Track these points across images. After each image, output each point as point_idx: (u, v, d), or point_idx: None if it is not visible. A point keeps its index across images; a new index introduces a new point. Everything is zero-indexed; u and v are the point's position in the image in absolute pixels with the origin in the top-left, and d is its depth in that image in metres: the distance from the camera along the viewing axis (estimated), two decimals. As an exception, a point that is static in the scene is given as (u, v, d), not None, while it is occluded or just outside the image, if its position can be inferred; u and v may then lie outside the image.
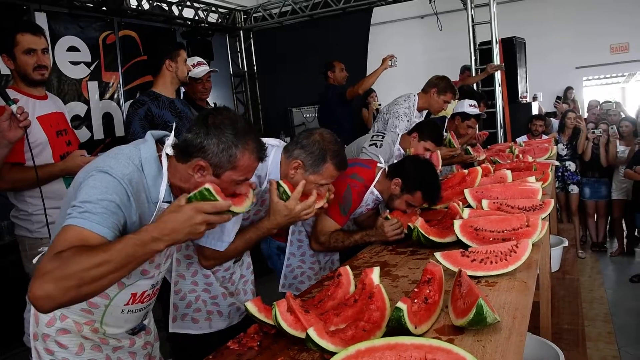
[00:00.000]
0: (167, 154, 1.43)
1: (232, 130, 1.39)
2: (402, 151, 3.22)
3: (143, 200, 1.38)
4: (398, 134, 3.32)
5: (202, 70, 3.91)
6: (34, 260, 1.57)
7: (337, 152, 2.00)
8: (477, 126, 4.45)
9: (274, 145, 2.04)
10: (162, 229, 1.24)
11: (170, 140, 1.44)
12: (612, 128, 5.72)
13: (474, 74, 6.27)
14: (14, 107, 2.13)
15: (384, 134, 3.31)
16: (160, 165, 1.42)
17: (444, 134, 4.02)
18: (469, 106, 4.20)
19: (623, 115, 6.25)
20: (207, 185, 1.30)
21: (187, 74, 3.27)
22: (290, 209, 1.83)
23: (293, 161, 1.96)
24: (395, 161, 3.19)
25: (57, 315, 1.45)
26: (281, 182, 1.86)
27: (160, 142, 1.48)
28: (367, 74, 5.87)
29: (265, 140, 2.03)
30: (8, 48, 2.44)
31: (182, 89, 4.39)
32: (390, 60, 4.78)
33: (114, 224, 1.27)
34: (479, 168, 2.91)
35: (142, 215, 1.39)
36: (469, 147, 3.94)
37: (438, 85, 3.80)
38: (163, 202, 1.41)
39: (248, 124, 1.47)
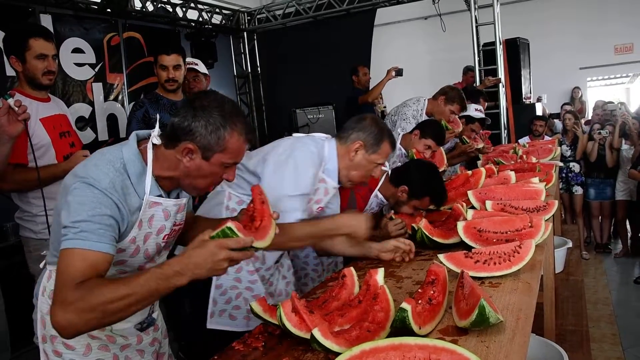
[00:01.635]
0: (153, 144, 1.42)
1: (220, 112, 1.37)
2: (404, 150, 3.22)
3: (131, 201, 1.38)
4: (399, 134, 3.32)
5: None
6: (41, 265, 1.58)
7: (390, 131, 2.13)
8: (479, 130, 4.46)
9: (324, 138, 2.12)
10: (185, 264, 1.25)
11: (156, 131, 1.43)
12: (606, 131, 5.76)
13: (477, 75, 6.27)
14: (10, 101, 2.10)
15: None
16: (144, 161, 1.41)
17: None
18: (474, 110, 4.20)
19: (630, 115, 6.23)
20: (230, 224, 1.29)
21: (165, 78, 3.19)
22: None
23: (353, 143, 2.04)
24: (396, 160, 3.19)
25: None
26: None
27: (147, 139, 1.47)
28: (370, 75, 6.00)
29: (315, 135, 2.15)
30: (19, 51, 2.45)
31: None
32: (394, 71, 5.25)
33: (111, 237, 1.30)
34: (482, 169, 2.91)
35: (136, 216, 1.39)
36: (464, 137, 3.95)
37: (447, 93, 3.80)
38: (150, 195, 1.40)
39: (235, 106, 1.45)
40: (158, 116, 1.53)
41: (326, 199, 2.10)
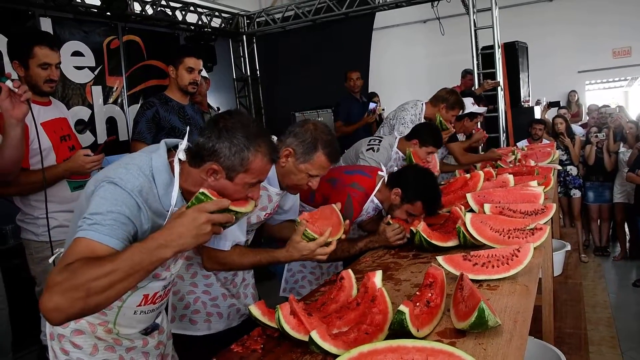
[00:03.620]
0: (179, 159, 1.43)
1: (244, 133, 1.39)
2: (401, 154, 3.22)
3: (156, 210, 1.38)
4: (396, 137, 3.32)
5: None
6: (50, 260, 1.59)
7: (329, 142, 1.98)
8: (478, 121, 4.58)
9: None
10: (167, 234, 1.23)
11: (183, 145, 1.44)
12: (603, 134, 5.77)
13: (476, 79, 6.29)
14: (9, 83, 2.08)
15: (382, 138, 3.32)
16: (172, 173, 1.42)
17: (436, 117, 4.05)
18: (471, 105, 4.24)
19: (626, 118, 6.25)
20: (202, 190, 1.31)
21: (189, 82, 3.25)
22: (311, 250, 1.79)
23: (285, 149, 1.95)
24: (392, 164, 3.20)
25: None
26: (307, 230, 1.81)
27: (174, 149, 1.48)
28: (369, 80, 6.03)
29: None
30: (23, 57, 2.45)
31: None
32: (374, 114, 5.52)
33: (123, 235, 1.27)
34: (480, 172, 2.91)
35: (155, 225, 1.39)
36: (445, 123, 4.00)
37: (448, 100, 3.83)
38: (175, 207, 1.41)
39: (259, 127, 1.46)
40: (188, 129, 1.53)
41: (272, 205, 2.07)
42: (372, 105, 5.52)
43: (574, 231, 5.73)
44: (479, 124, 4.53)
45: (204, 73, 3.98)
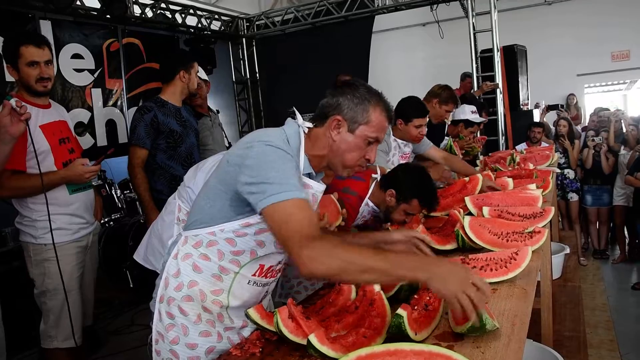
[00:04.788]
0: (304, 130, 1.51)
1: (366, 89, 1.50)
2: (399, 141, 3.20)
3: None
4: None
5: None
6: (169, 242, 1.66)
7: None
8: (477, 131, 4.52)
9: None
10: (434, 267, 1.23)
11: (302, 119, 1.53)
12: (600, 138, 5.78)
13: (475, 82, 6.30)
14: (12, 102, 2.13)
15: None
16: (300, 139, 1.51)
17: (445, 138, 4.04)
18: (470, 113, 4.22)
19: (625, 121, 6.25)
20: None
21: (197, 85, 3.35)
22: None
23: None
24: (395, 152, 3.17)
25: (186, 281, 1.51)
26: None
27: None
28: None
29: None
30: (12, 59, 2.46)
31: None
32: None
33: (300, 184, 1.36)
34: (479, 176, 2.92)
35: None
36: (453, 145, 4.00)
37: (440, 95, 3.80)
38: (303, 174, 1.48)
39: (380, 93, 1.55)
40: (300, 118, 1.55)
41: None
42: None
43: (573, 234, 5.74)
44: (478, 133, 4.49)
45: (204, 76, 3.99)
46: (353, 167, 1.54)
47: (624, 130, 5.86)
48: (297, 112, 1.55)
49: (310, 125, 1.52)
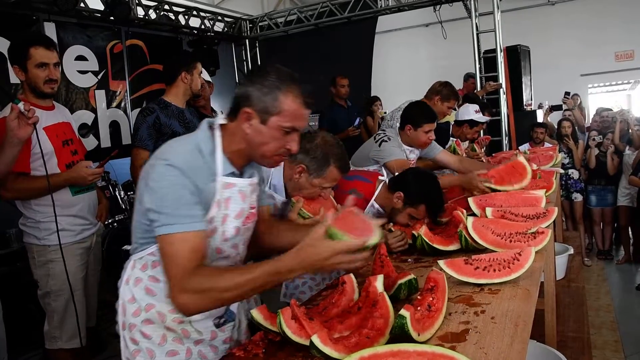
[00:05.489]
0: (220, 125, 1.47)
1: (276, 75, 1.40)
2: (406, 147, 3.19)
3: (206, 179, 1.41)
4: (395, 128, 3.29)
5: None
6: (130, 250, 1.62)
7: (340, 155, 2.04)
8: (481, 130, 4.52)
9: None
10: (300, 261, 1.27)
11: (223, 115, 1.49)
12: (600, 137, 5.78)
13: (478, 82, 6.29)
14: (21, 105, 2.17)
15: (383, 130, 3.28)
16: (214, 140, 1.46)
17: (450, 139, 4.04)
18: (474, 112, 4.22)
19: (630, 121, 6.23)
20: (337, 231, 1.25)
21: (200, 86, 3.34)
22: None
23: (297, 165, 1.99)
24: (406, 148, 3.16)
25: (143, 305, 1.50)
26: (303, 209, 1.85)
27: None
28: (372, 84, 6.01)
29: None
30: (21, 60, 2.47)
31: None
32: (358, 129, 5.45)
33: (200, 214, 1.37)
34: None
35: (212, 194, 1.43)
36: (474, 145, 3.99)
37: (441, 92, 3.81)
38: (223, 175, 1.44)
39: (292, 75, 1.46)
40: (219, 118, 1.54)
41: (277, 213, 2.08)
42: (357, 121, 5.50)
43: (577, 235, 5.72)
44: (482, 133, 4.49)
45: (207, 77, 4.01)
46: (274, 157, 1.48)
47: (630, 129, 5.84)
48: (219, 113, 1.52)
49: (222, 121, 1.47)
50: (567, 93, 7.40)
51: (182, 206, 1.32)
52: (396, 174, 2.60)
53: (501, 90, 6.09)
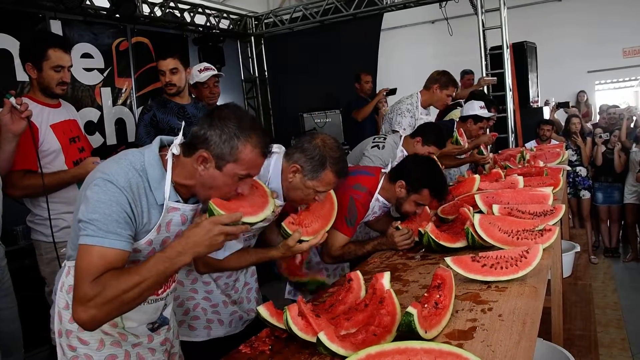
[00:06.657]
0: (173, 154, 1.45)
1: (236, 123, 1.40)
2: (406, 152, 3.19)
3: (144, 205, 1.41)
4: (401, 136, 3.30)
5: (206, 75, 3.89)
6: (66, 256, 1.60)
7: (338, 159, 1.96)
8: (487, 127, 4.48)
9: (275, 152, 2.00)
10: (185, 243, 1.34)
11: (178, 140, 1.47)
12: (607, 134, 5.75)
13: (476, 78, 6.28)
14: (12, 100, 2.15)
15: (386, 136, 3.31)
16: (164, 167, 1.45)
17: (453, 131, 4.03)
18: (479, 108, 4.20)
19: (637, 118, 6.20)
20: (210, 201, 1.39)
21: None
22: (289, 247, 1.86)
23: (292, 165, 1.93)
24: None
25: None
26: (283, 224, 1.86)
27: (169, 145, 1.50)
28: (378, 81, 6.06)
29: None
30: (36, 59, 2.47)
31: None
32: (385, 92, 5.67)
33: (128, 235, 1.36)
34: (476, 176, 2.88)
35: (150, 218, 1.43)
36: (482, 148, 3.97)
37: (440, 80, 3.84)
38: (169, 201, 1.44)
39: (254, 120, 1.48)
40: (183, 124, 1.55)
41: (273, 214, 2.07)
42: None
43: (584, 232, 5.70)
44: (488, 130, 4.46)
45: (213, 72, 4.00)
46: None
47: (638, 126, 5.81)
48: (179, 137, 1.49)
49: (176, 151, 1.45)
50: (559, 104, 7.36)
51: (111, 222, 1.31)
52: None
53: (507, 87, 6.06)
